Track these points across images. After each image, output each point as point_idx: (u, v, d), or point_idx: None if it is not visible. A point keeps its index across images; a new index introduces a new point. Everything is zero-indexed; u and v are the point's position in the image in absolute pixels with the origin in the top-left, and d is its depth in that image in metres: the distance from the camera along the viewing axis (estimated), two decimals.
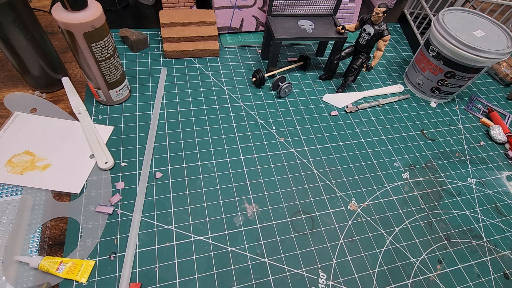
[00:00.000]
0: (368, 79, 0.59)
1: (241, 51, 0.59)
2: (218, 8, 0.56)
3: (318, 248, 0.37)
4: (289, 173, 0.43)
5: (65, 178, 0.37)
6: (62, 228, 0.34)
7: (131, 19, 0.62)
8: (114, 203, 0.36)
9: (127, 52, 0.54)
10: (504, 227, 0.42)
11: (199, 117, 0.47)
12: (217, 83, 0.52)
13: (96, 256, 0.33)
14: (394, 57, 0.64)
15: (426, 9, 0.61)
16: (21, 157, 0.38)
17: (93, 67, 0.39)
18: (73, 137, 0.41)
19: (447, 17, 0.51)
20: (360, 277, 0.35)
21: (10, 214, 0.34)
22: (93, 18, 0.34)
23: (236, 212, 0.38)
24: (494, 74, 0.64)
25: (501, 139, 0.51)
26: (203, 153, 0.43)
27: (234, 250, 0.35)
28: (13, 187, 0.36)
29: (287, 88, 0.50)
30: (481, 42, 0.47)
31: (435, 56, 0.50)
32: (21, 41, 0.39)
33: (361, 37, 0.47)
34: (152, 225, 0.36)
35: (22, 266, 0.31)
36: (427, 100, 0.57)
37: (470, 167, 0.48)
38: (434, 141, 0.51)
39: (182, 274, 0.33)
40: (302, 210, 0.39)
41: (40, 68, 0.43)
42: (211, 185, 0.40)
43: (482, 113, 0.57)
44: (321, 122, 0.50)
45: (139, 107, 0.46)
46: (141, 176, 0.39)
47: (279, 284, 0.34)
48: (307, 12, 0.52)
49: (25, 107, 0.43)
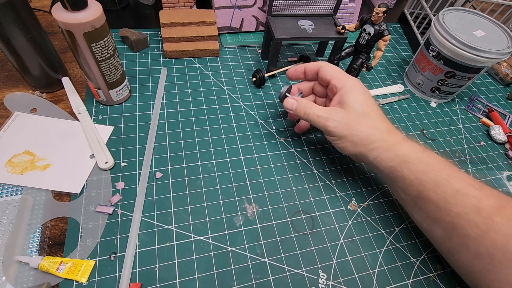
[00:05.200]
0: (368, 79, 0.58)
1: (241, 51, 0.59)
2: (218, 8, 0.56)
3: (318, 248, 0.37)
4: (289, 173, 0.43)
5: (65, 178, 0.37)
6: (62, 228, 0.34)
7: (131, 19, 0.62)
8: (114, 203, 0.36)
9: (127, 52, 0.54)
10: None
11: (199, 117, 0.47)
12: (217, 83, 0.52)
13: (96, 256, 0.33)
14: (394, 57, 0.64)
15: (426, 9, 0.61)
16: (21, 157, 0.38)
17: (93, 67, 0.39)
18: (73, 137, 0.41)
19: (447, 17, 0.51)
20: (360, 277, 0.35)
21: (10, 214, 0.34)
22: (93, 18, 0.34)
23: (236, 212, 0.38)
24: (494, 74, 0.64)
25: (501, 139, 0.51)
26: (203, 153, 0.43)
27: (234, 250, 0.35)
28: (13, 187, 0.36)
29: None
30: (481, 42, 0.47)
31: (435, 56, 0.50)
32: (21, 41, 0.39)
33: (361, 37, 0.47)
34: (152, 225, 0.36)
35: (22, 266, 0.31)
36: (427, 100, 0.57)
37: (470, 167, 0.48)
38: (434, 141, 0.51)
39: (182, 274, 0.33)
40: (302, 210, 0.39)
41: (40, 68, 0.43)
42: (211, 185, 0.40)
43: (482, 113, 0.57)
44: None
45: (139, 107, 0.46)
46: (141, 176, 0.39)
47: (279, 284, 0.34)
48: (307, 12, 0.52)
49: (25, 107, 0.43)
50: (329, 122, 0.36)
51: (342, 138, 0.36)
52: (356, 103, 0.36)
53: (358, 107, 0.36)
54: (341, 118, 0.36)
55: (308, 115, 0.38)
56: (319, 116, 0.37)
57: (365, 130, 0.35)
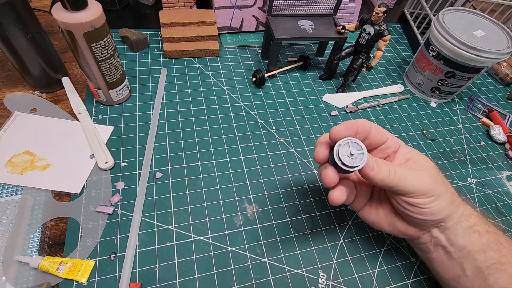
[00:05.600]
0: (368, 79, 0.58)
1: (241, 51, 0.59)
2: (218, 8, 0.56)
3: (318, 248, 0.37)
4: (289, 173, 0.43)
5: (65, 178, 0.37)
6: (62, 228, 0.34)
7: (131, 19, 0.62)
8: (114, 203, 0.36)
9: (127, 52, 0.54)
10: (504, 227, 0.42)
11: (199, 117, 0.47)
12: (217, 83, 0.52)
13: (96, 256, 0.33)
14: (394, 57, 0.64)
15: (426, 9, 0.61)
16: (21, 157, 0.38)
17: (93, 67, 0.39)
18: (73, 137, 0.41)
19: (447, 17, 0.51)
20: (360, 277, 0.35)
21: (10, 214, 0.34)
22: (93, 18, 0.34)
23: (236, 212, 0.38)
24: (494, 74, 0.64)
25: (501, 139, 0.51)
26: (203, 153, 0.43)
27: (234, 250, 0.35)
28: (13, 187, 0.36)
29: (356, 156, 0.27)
30: (481, 42, 0.47)
31: (435, 56, 0.50)
32: (21, 41, 0.39)
33: (361, 37, 0.47)
34: (152, 225, 0.36)
35: (22, 266, 0.31)
36: (427, 100, 0.57)
37: (470, 167, 0.48)
38: (434, 141, 0.51)
39: (182, 274, 0.33)
40: (302, 210, 0.39)
41: (40, 68, 0.43)
42: (211, 185, 0.40)
43: (482, 113, 0.57)
44: (321, 122, 0.49)
45: (139, 107, 0.46)
46: (141, 176, 0.39)
47: (279, 284, 0.33)
48: (307, 12, 0.52)
49: (25, 107, 0.43)
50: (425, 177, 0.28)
51: (441, 196, 0.28)
52: (422, 157, 0.30)
53: (426, 162, 0.30)
54: (429, 171, 0.29)
55: (396, 175, 0.27)
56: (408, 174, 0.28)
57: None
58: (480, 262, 0.28)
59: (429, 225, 0.29)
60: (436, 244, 0.30)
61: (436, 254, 0.31)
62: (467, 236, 0.29)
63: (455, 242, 0.29)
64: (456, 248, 0.29)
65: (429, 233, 0.30)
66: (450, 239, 0.29)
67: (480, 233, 0.29)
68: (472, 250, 0.29)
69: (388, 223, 0.32)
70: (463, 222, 0.29)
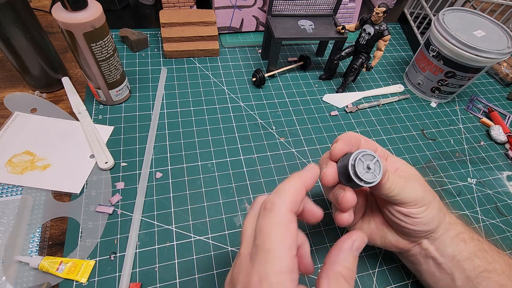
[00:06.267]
0: (368, 79, 0.58)
1: (241, 51, 0.59)
2: (218, 8, 0.56)
3: (318, 248, 0.37)
4: (289, 173, 0.43)
5: (65, 178, 0.37)
6: (62, 228, 0.34)
7: (131, 19, 0.62)
8: (114, 203, 0.36)
9: (127, 52, 0.54)
10: (504, 227, 0.42)
11: (199, 117, 0.47)
12: (217, 83, 0.52)
13: (96, 256, 0.33)
14: (394, 57, 0.64)
15: (426, 9, 0.61)
16: (21, 157, 0.38)
17: (93, 67, 0.39)
18: (73, 137, 0.41)
19: (447, 17, 0.51)
20: (360, 277, 0.35)
21: (10, 214, 0.34)
22: (93, 18, 0.34)
23: (236, 212, 0.38)
24: (494, 74, 0.64)
25: (501, 139, 0.51)
26: (203, 153, 0.43)
27: (234, 250, 0.35)
28: (13, 187, 0.36)
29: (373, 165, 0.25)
30: (481, 42, 0.47)
31: (435, 56, 0.50)
32: (21, 41, 0.39)
33: (361, 37, 0.47)
34: (152, 225, 0.36)
35: (22, 266, 0.31)
36: (427, 100, 0.57)
37: (470, 167, 0.48)
38: (434, 141, 0.51)
39: (182, 274, 0.33)
40: None
41: (40, 68, 0.43)
42: (211, 185, 0.40)
43: (482, 113, 0.57)
44: (321, 122, 0.49)
45: (139, 107, 0.46)
46: (141, 176, 0.39)
47: None
48: (307, 12, 0.52)
49: (25, 107, 0.43)
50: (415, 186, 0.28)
51: (431, 204, 0.28)
52: (410, 166, 0.31)
53: (413, 171, 0.31)
54: (419, 180, 0.29)
55: (397, 184, 0.27)
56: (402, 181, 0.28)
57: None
58: (469, 271, 0.29)
59: (420, 236, 0.29)
60: (426, 255, 0.30)
61: (426, 266, 0.31)
62: (455, 245, 0.29)
63: (444, 253, 0.29)
64: (446, 259, 0.29)
65: (419, 245, 0.30)
66: (439, 250, 0.29)
67: (466, 241, 0.29)
68: (461, 260, 0.29)
69: (379, 236, 0.31)
70: (450, 231, 0.30)
